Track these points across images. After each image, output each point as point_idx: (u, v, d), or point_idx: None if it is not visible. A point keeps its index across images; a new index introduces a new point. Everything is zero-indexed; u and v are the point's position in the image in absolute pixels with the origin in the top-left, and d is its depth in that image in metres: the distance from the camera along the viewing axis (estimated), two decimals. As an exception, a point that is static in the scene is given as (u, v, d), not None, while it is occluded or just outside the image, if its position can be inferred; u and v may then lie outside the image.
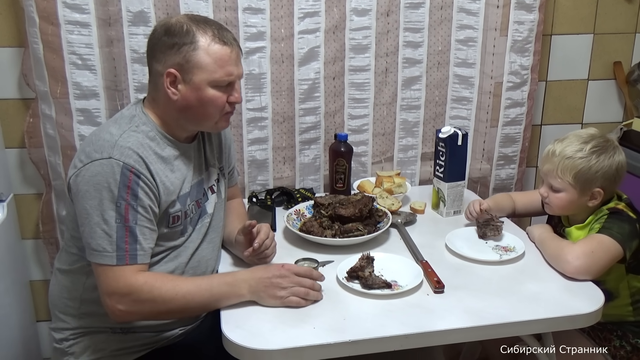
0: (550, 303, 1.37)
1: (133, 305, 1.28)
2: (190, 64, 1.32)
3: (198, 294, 1.32)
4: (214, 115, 1.39)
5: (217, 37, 1.33)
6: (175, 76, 1.33)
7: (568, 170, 1.55)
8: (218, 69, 1.33)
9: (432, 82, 2.12)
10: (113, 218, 1.26)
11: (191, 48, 1.31)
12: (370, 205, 1.72)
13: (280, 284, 1.32)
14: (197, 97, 1.34)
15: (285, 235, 1.74)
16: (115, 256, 1.27)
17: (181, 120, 1.40)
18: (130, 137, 1.33)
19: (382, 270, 1.48)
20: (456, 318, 1.32)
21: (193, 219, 1.46)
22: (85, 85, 1.86)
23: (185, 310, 1.36)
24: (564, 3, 2.16)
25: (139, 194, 1.29)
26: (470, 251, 1.60)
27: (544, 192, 1.64)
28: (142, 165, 1.31)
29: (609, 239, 1.48)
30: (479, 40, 2.06)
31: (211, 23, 1.36)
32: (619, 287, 1.57)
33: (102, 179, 1.26)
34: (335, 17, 1.96)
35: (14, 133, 1.96)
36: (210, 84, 1.34)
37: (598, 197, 1.57)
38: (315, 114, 2.04)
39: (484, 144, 2.19)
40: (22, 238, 2.08)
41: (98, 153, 1.29)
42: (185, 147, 1.45)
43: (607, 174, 1.55)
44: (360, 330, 1.27)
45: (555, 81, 2.25)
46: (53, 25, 1.79)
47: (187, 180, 1.44)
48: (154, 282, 1.30)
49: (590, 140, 1.57)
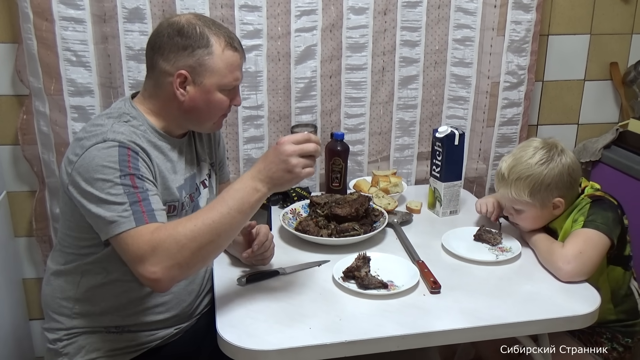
0: (546, 304, 1.37)
1: (164, 260, 1.17)
2: (202, 67, 1.34)
3: (218, 216, 1.21)
4: (215, 117, 1.42)
5: (229, 44, 1.36)
6: (186, 77, 1.34)
7: (521, 190, 1.55)
8: (228, 74, 1.36)
9: (429, 82, 2.12)
10: (121, 190, 1.22)
11: (205, 52, 1.33)
12: (366, 205, 1.72)
13: (289, 161, 1.23)
14: (206, 99, 1.37)
15: (281, 235, 1.73)
16: (133, 218, 1.21)
17: (181, 120, 1.41)
18: (121, 126, 1.32)
19: (378, 270, 1.47)
20: (453, 319, 1.31)
21: (187, 212, 1.44)
22: (80, 82, 1.84)
23: (218, 239, 1.22)
24: (561, 3, 2.16)
25: (140, 167, 1.27)
26: (467, 251, 1.60)
27: (508, 214, 1.65)
28: (136, 147, 1.30)
29: (595, 232, 1.48)
30: (476, 40, 2.06)
31: (222, 27, 1.38)
32: (600, 280, 1.56)
33: (100, 160, 1.24)
34: (332, 15, 1.95)
35: (7, 130, 1.95)
36: (219, 87, 1.37)
37: (561, 206, 1.57)
38: (312, 113, 2.03)
39: (480, 144, 2.19)
40: (15, 236, 2.06)
41: (92, 140, 1.27)
42: (177, 142, 1.45)
43: (560, 182, 1.55)
44: (356, 330, 1.26)
45: (552, 81, 2.25)
46: (47, 21, 1.77)
47: (180, 173, 1.44)
48: (173, 229, 1.20)
49: (534, 153, 1.56)
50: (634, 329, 1.62)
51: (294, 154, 1.23)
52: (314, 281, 1.43)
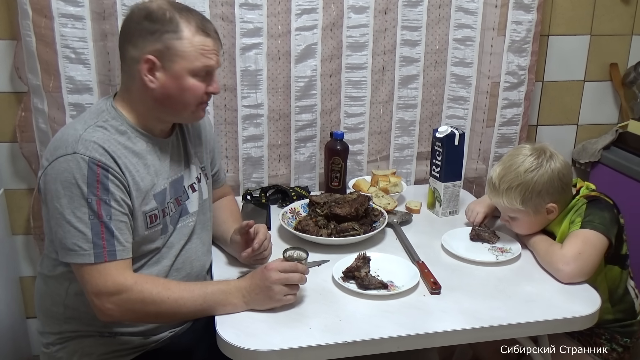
0: (546, 305, 1.37)
1: (122, 305, 1.25)
2: (171, 51, 1.28)
3: (190, 300, 1.28)
4: (191, 105, 1.35)
5: (200, 29, 1.30)
6: (154, 63, 1.28)
7: (513, 199, 1.55)
8: (200, 57, 1.30)
9: (429, 81, 2.11)
10: (86, 215, 1.22)
11: (174, 37, 1.27)
12: (366, 205, 1.71)
13: (272, 288, 1.29)
14: (177, 85, 1.31)
15: (280, 234, 1.73)
16: (93, 254, 1.22)
17: (156, 111, 1.35)
18: (95, 131, 1.28)
19: (378, 270, 1.47)
20: (453, 319, 1.31)
21: (173, 217, 1.41)
22: (79, 79, 1.83)
23: (176, 315, 1.31)
24: (561, 4, 2.15)
25: (109, 187, 1.24)
26: (467, 252, 1.59)
27: (504, 221, 1.65)
28: (109, 158, 1.26)
29: (593, 232, 1.48)
30: (477, 40, 2.05)
31: (194, 13, 1.33)
32: (597, 280, 1.56)
33: (69, 175, 1.22)
34: (332, 14, 1.94)
35: (5, 127, 1.93)
36: (190, 72, 1.30)
37: (555, 211, 1.57)
38: (312, 112, 2.02)
39: (480, 144, 2.18)
40: (13, 234, 2.05)
41: (62, 149, 1.24)
42: (161, 142, 1.40)
43: (551, 188, 1.54)
44: (356, 331, 1.26)
45: (552, 82, 2.25)
46: (46, 18, 1.76)
47: (163, 177, 1.39)
48: (144, 282, 1.26)
49: (523, 161, 1.55)
50: (631, 329, 1.62)
51: (278, 283, 1.29)
52: (313, 281, 1.42)
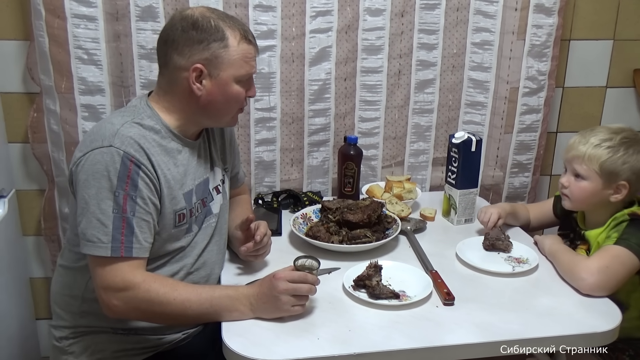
0: (564, 319, 1.32)
1: (128, 302, 1.25)
2: (219, 60, 1.32)
3: (197, 303, 1.27)
4: (233, 110, 1.41)
5: (244, 37, 1.35)
6: (202, 71, 1.32)
7: (595, 158, 1.51)
8: (244, 65, 1.35)
9: (445, 86, 2.07)
10: (110, 208, 1.23)
11: (221, 45, 1.32)
12: (379, 211, 1.67)
13: (279, 298, 1.27)
14: (223, 92, 1.35)
15: (291, 240, 1.70)
16: (110, 247, 1.23)
17: (198, 115, 1.39)
18: (132, 127, 1.31)
19: (390, 279, 1.43)
20: (466, 332, 1.27)
21: (199, 217, 1.43)
22: (91, 80, 1.82)
23: (182, 317, 1.30)
24: (584, 7, 2.10)
25: (138, 184, 1.26)
26: (482, 262, 1.55)
27: (565, 181, 1.58)
28: (143, 155, 1.28)
29: (625, 251, 1.42)
30: (496, 44, 2.01)
31: (236, 20, 1.37)
32: (631, 298, 1.52)
33: (101, 167, 1.24)
34: (348, 16, 1.91)
35: (17, 127, 1.93)
36: (236, 79, 1.35)
37: (622, 191, 1.51)
38: (325, 116, 1.99)
39: (497, 151, 2.14)
40: (23, 234, 2.05)
41: (98, 142, 1.27)
42: (191, 144, 1.43)
43: (634, 168, 1.50)
44: (365, 342, 1.22)
45: (573, 87, 2.20)
46: (59, 19, 1.75)
47: (192, 177, 1.41)
48: (152, 281, 1.26)
49: (620, 132, 1.53)
50: None
51: (286, 293, 1.27)
52: (323, 289, 1.38)
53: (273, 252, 1.57)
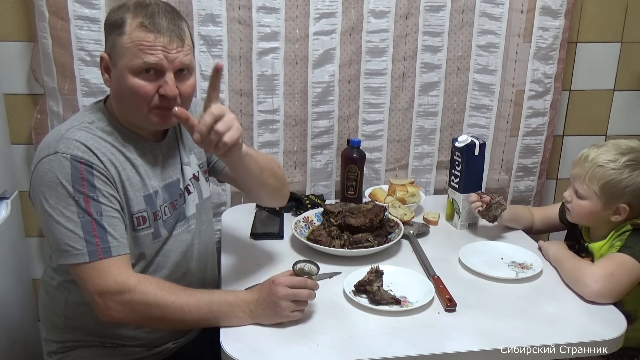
0: (568, 327, 1.30)
1: (125, 305, 1.20)
2: (116, 47, 1.23)
3: (196, 307, 1.24)
4: (141, 107, 1.25)
5: (142, 24, 1.21)
6: (107, 60, 1.26)
7: (596, 179, 1.48)
8: (138, 53, 1.21)
9: (450, 89, 2.05)
10: (75, 213, 1.19)
11: (118, 32, 1.23)
12: (381, 215, 1.66)
13: (279, 303, 1.24)
14: (120, 83, 1.24)
15: (292, 243, 1.68)
16: (87, 252, 1.18)
17: (120, 113, 1.31)
18: (78, 131, 1.25)
19: (391, 284, 1.42)
20: (468, 339, 1.25)
21: (167, 222, 1.36)
22: (94, 82, 1.82)
23: (179, 322, 1.27)
24: (591, 10, 2.07)
25: (95, 183, 1.21)
26: (485, 267, 1.53)
27: (568, 195, 1.57)
28: (92, 155, 1.22)
29: (630, 259, 1.40)
30: (501, 46, 1.99)
31: (152, 8, 1.24)
32: (639, 308, 1.49)
33: (52, 175, 1.19)
34: (352, 18, 1.89)
35: (21, 129, 1.93)
36: (130, 70, 1.22)
37: (622, 214, 1.49)
38: (329, 118, 1.98)
39: (502, 154, 2.12)
40: (26, 236, 2.05)
41: (45, 150, 1.22)
42: (151, 146, 1.35)
43: (637, 191, 1.47)
44: (365, 349, 1.21)
45: (579, 91, 2.17)
46: (63, 20, 1.75)
47: (156, 179, 1.34)
48: (148, 284, 1.23)
49: (628, 152, 1.48)
50: None
51: (285, 299, 1.25)
52: (323, 294, 1.37)
53: (274, 256, 1.56)
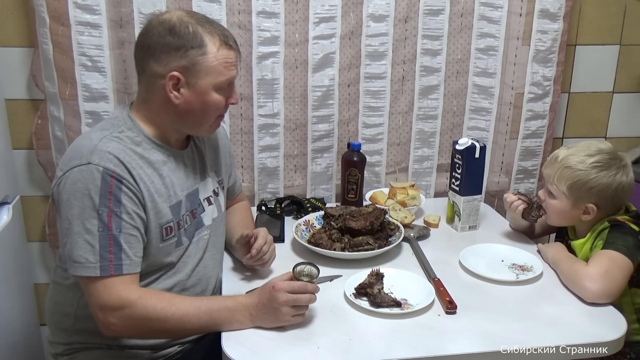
0: (569, 328, 1.30)
1: (126, 320, 1.22)
2: (197, 67, 1.27)
3: (196, 317, 1.25)
4: (211, 118, 1.35)
5: (223, 42, 1.29)
6: (179, 79, 1.27)
7: (564, 180, 1.51)
8: (223, 71, 1.29)
9: (450, 92, 2.06)
10: (95, 227, 1.20)
11: (199, 52, 1.26)
12: (382, 218, 1.66)
13: (280, 309, 1.25)
14: (201, 101, 1.30)
15: (293, 246, 1.69)
16: (99, 267, 1.20)
17: (176, 124, 1.35)
18: (110, 142, 1.26)
19: (392, 287, 1.42)
20: (469, 342, 1.25)
21: (188, 230, 1.39)
22: (95, 87, 1.83)
23: (181, 332, 1.28)
24: (589, 12, 2.08)
25: (122, 199, 1.23)
26: (486, 269, 1.53)
27: (542, 195, 1.62)
28: (124, 169, 1.24)
29: (617, 253, 1.41)
30: (500, 49, 2.00)
31: (215, 25, 1.31)
32: (622, 302, 1.50)
33: (82, 186, 1.20)
34: (351, 22, 1.90)
35: (22, 134, 1.94)
36: (215, 87, 1.30)
37: (591, 213, 1.52)
38: (329, 122, 1.99)
39: (502, 157, 2.12)
40: (28, 240, 2.06)
41: (77, 159, 1.23)
42: (177, 153, 1.39)
43: (603, 192, 1.49)
44: (366, 351, 1.21)
45: (579, 93, 2.18)
46: (63, 26, 1.76)
47: (179, 188, 1.37)
48: (148, 297, 1.24)
49: (596, 154, 1.51)
50: None
51: (286, 304, 1.25)
52: (324, 297, 1.37)
53: (276, 259, 1.56)
